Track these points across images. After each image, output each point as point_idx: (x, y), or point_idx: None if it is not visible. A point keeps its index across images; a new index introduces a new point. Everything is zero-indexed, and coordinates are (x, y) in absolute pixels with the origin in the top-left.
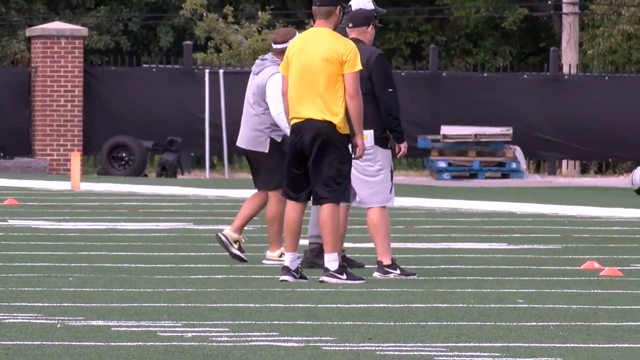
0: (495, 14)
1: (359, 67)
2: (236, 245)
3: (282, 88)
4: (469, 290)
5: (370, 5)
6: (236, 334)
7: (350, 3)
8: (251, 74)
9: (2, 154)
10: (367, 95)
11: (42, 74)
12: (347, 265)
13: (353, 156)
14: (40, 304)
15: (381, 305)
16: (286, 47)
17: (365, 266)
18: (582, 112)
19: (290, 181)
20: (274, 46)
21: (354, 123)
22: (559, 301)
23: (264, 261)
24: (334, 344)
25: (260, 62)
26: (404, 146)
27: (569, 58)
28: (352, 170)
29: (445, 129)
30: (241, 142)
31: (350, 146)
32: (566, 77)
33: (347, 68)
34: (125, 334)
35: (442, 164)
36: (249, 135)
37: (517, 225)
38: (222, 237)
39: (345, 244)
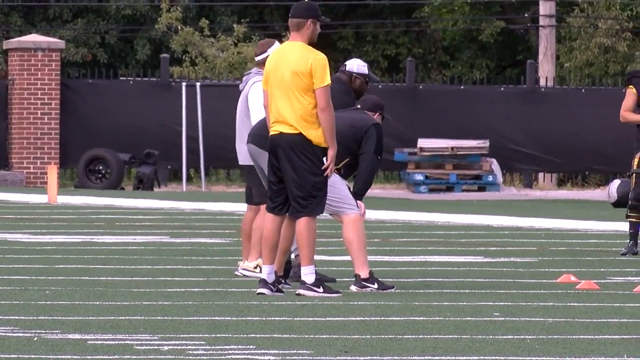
0: (472, 26)
1: (328, 81)
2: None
3: (263, 101)
4: (446, 303)
5: (365, 70)
6: (213, 347)
7: (346, 63)
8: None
9: None
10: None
11: (19, 87)
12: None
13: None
14: (16, 317)
15: (358, 318)
16: (266, 57)
17: (342, 279)
18: (558, 125)
19: (270, 193)
20: (255, 58)
21: (326, 136)
22: (536, 314)
23: (239, 271)
24: (311, 357)
25: (246, 77)
26: (363, 206)
27: (545, 71)
28: None
29: (422, 142)
30: (244, 160)
31: (325, 159)
32: (543, 89)
33: (317, 82)
34: (102, 347)
35: (419, 177)
36: (247, 150)
37: (494, 238)
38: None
39: (323, 257)
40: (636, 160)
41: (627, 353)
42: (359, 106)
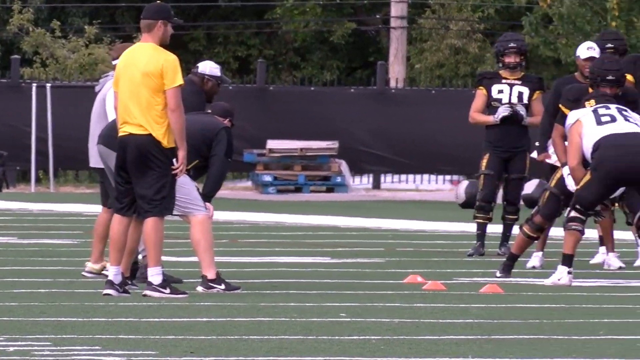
0: (323, 28)
1: (180, 81)
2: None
3: (114, 103)
4: (292, 304)
5: (217, 72)
6: (58, 347)
7: (199, 65)
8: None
9: None
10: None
11: None
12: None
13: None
14: None
15: (204, 319)
16: None
17: (189, 280)
18: (408, 126)
19: (117, 194)
20: (112, 62)
21: (176, 137)
22: (382, 315)
23: (85, 272)
24: (156, 358)
25: (103, 80)
26: (211, 207)
27: (396, 72)
28: None
29: (271, 143)
30: (96, 162)
31: (175, 160)
32: (393, 91)
33: (168, 83)
34: None
35: (268, 178)
36: None
37: (341, 239)
38: None
39: (170, 258)
40: (484, 161)
41: (472, 353)
42: (209, 111)
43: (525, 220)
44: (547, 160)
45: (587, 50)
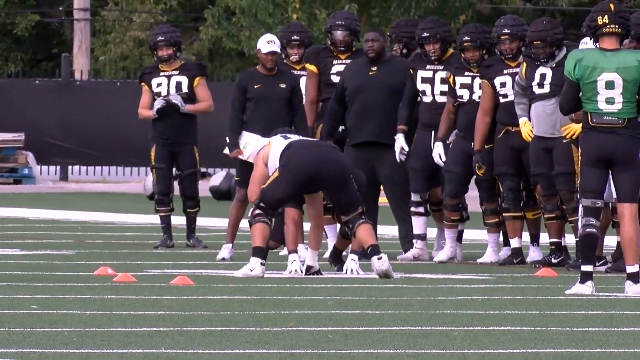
0: (7, 20)
1: None
2: None
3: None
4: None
5: None
6: None
7: None
8: None
9: None
10: None
11: None
12: None
13: None
14: None
15: None
16: None
17: None
18: (94, 118)
19: None
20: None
21: None
22: (73, 307)
23: None
24: None
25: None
26: None
27: (80, 64)
28: None
29: None
30: None
31: None
32: (78, 83)
33: None
34: None
35: None
36: None
37: (30, 231)
38: None
39: None
40: (153, 154)
41: (165, 345)
42: None
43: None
44: (240, 157)
45: (268, 44)
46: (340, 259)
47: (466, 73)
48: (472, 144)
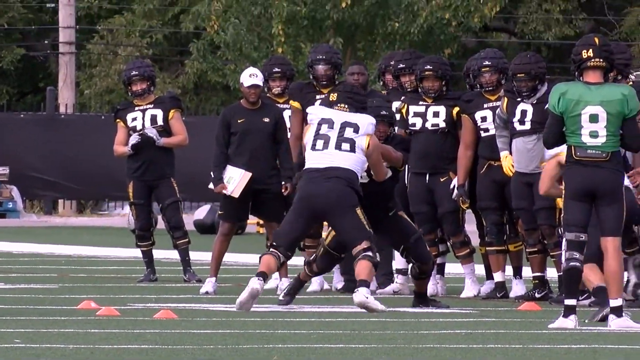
0: None
1: None
2: None
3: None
4: None
5: None
6: None
7: None
8: None
9: None
10: None
11: None
12: None
13: None
14: None
15: None
16: None
17: None
18: (78, 151)
19: None
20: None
21: None
22: (57, 341)
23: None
24: None
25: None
26: None
27: (65, 98)
28: None
29: None
30: None
31: None
32: (62, 116)
33: None
34: None
35: None
36: None
37: (14, 265)
38: None
39: None
40: (130, 190)
41: None
42: None
43: (305, 262)
44: (224, 191)
45: (250, 77)
46: (426, 299)
47: (420, 102)
48: (428, 175)
